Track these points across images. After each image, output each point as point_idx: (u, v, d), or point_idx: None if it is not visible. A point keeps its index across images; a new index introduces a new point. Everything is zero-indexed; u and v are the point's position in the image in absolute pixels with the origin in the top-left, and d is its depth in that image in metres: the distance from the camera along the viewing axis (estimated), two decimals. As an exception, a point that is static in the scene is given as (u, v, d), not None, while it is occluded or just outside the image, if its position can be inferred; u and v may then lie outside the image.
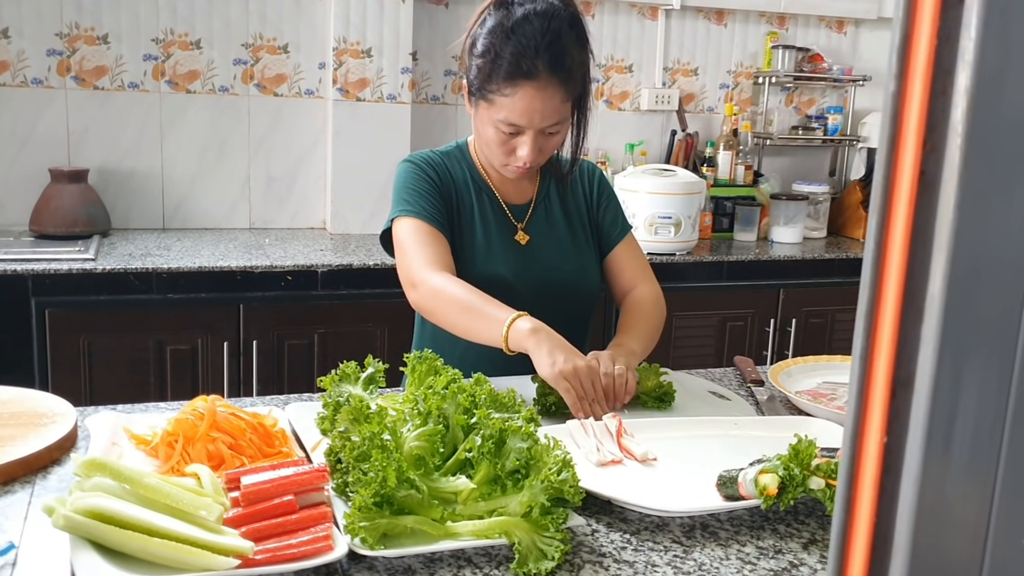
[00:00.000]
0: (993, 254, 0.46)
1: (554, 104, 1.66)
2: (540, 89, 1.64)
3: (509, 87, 1.64)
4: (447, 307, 1.66)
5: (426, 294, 1.68)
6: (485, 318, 1.60)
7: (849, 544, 0.51)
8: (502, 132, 1.70)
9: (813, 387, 1.73)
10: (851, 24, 4.18)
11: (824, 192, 3.91)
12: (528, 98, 1.64)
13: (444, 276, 1.68)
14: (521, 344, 1.55)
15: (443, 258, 1.73)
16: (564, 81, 1.65)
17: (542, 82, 1.63)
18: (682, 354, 3.30)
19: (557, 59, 1.63)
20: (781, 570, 1.08)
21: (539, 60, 1.62)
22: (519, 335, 1.55)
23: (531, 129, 1.68)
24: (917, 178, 0.47)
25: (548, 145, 1.73)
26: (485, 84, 1.67)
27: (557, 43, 1.63)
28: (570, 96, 1.68)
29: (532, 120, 1.66)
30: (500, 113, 1.67)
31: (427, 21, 3.53)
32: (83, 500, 0.99)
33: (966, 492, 0.48)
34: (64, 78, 3.19)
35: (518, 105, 1.65)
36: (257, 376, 2.85)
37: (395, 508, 1.08)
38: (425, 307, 1.71)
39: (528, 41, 1.62)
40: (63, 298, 2.65)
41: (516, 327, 1.56)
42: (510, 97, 1.65)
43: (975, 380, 0.47)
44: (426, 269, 1.69)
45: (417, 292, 1.70)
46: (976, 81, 0.44)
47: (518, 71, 1.63)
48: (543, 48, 1.62)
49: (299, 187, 3.52)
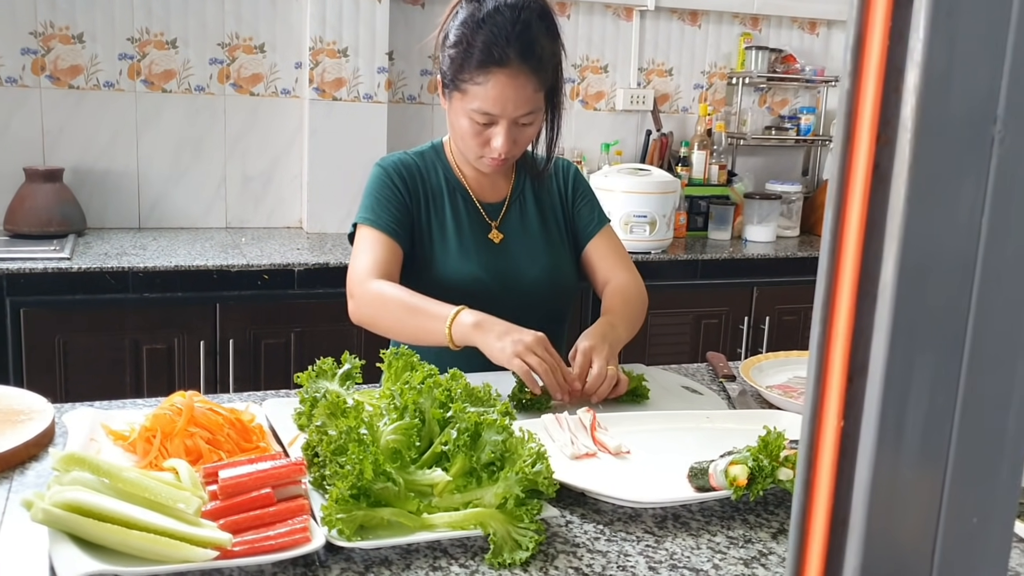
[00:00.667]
0: (942, 244, 0.48)
1: (526, 93, 1.68)
2: (512, 77, 1.66)
3: (481, 75, 1.67)
4: (387, 311, 1.67)
5: (363, 303, 1.70)
6: (427, 317, 1.61)
7: (808, 526, 0.52)
8: (476, 123, 1.72)
9: (783, 382, 1.76)
10: (823, 25, 4.23)
11: (797, 191, 3.95)
12: (500, 86, 1.67)
13: (380, 283, 1.69)
14: (466, 338, 1.56)
15: (387, 267, 1.74)
16: (535, 70, 1.68)
17: (513, 70, 1.66)
18: (657, 351, 3.33)
19: (528, 48, 1.66)
20: (751, 559, 1.11)
21: (510, 48, 1.65)
22: (463, 329, 1.56)
23: (504, 119, 1.70)
24: (871, 171, 0.48)
25: (522, 137, 1.75)
26: (458, 74, 1.70)
27: (527, 32, 1.67)
28: (542, 86, 1.71)
29: (505, 108, 1.69)
30: (473, 102, 1.69)
31: (403, 21, 3.54)
32: (62, 494, 0.99)
33: (919, 475, 0.50)
34: (39, 77, 3.17)
35: (491, 93, 1.67)
36: (234, 375, 2.85)
37: (372, 500, 1.09)
38: (364, 316, 1.72)
39: (499, 30, 1.66)
40: (38, 298, 2.65)
41: (459, 321, 1.57)
42: (482, 86, 1.67)
43: (926, 367, 0.49)
44: (365, 279, 1.71)
45: (354, 302, 1.72)
46: (924, 79, 0.46)
47: (490, 59, 1.66)
48: (514, 37, 1.65)
49: (275, 186, 3.52)
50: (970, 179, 0.48)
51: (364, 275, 1.72)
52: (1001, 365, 0.50)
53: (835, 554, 0.51)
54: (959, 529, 0.51)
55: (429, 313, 1.62)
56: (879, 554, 0.51)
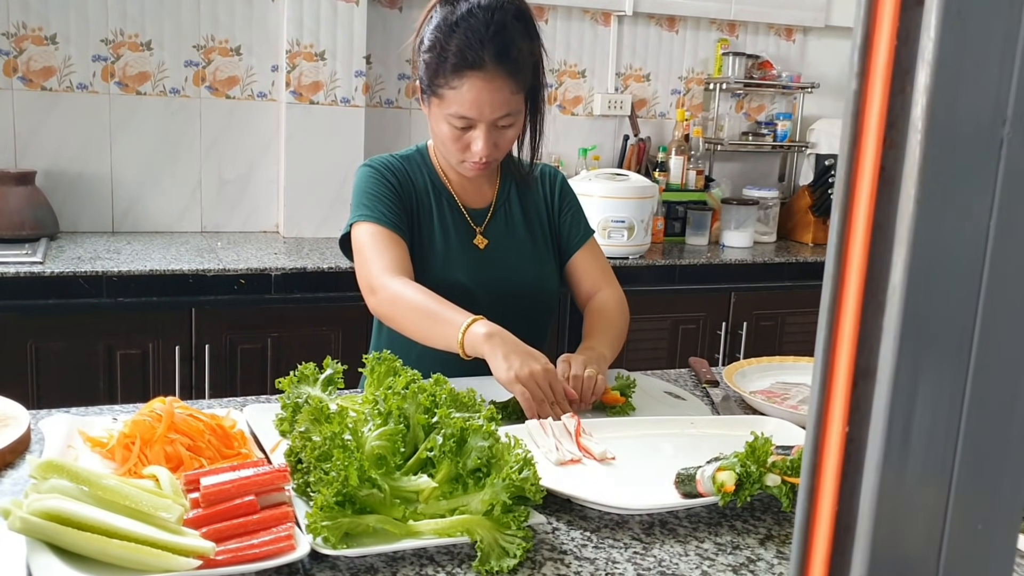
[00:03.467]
0: (951, 247, 0.47)
1: (503, 95, 1.67)
2: (488, 80, 1.65)
3: (457, 79, 1.66)
4: (405, 312, 1.65)
5: (385, 300, 1.68)
6: (442, 323, 1.60)
7: (812, 532, 0.52)
8: (455, 127, 1.70)
9: (767, 387, 1.76)
10: (799, 32, 4.25)
11: (774, 197, 3.97)
12: (476, 89, 1.65)
13: (403, 281, 1.67)
14: (477, 349, 1.55)
15: (402, 263, 1.73)
16: (512, 72, 1.66)
17: (489, 73, 1.65)
18: (635, 357, 3.32)
19: (503, 50, 1.65)
20: (739, 565, 1.10)
21: (485, 51, 1.64)
22: (475, 340, 1.55)
23: (482, 122, 1.69)
24: (877, 174, 0.48)
25: (503, 139, 1.74)
26: (434, 79, 1.69)
27: (502, 34, 1.65)
28: (520, 88, 1.70)
29: (482, 112, 1.67)
30: (451, 107, 1.68)
31: (381, 24, 3.52)
32: (40, 502, 0.97)
33: (925, 480, 0.50)
34: (11, 78, 3.13)
35: (467, 97, 1.66)
36: (210, 381, 2.82)
37: (357, 507, 1.08)
38: (384, 313, 1.70)
39: (473, 33, 1.64)
40: (9, 302, 2.60)
41: (472, 331, 1.55)
42: (458, 90, 1.66)
43: (933, 371, 0.48)
44: (385, 274, 1.69)
45: (376, 298, 1.70)
46: (935, 79, 0.45)
47: (464, 62, 1.64)
48: (488, 39, 1.64)
49: (252, 190, 3.49)
50: (979, 181, 0.47)
51: (382, 271, 1.69)
52: (1008, 370, 0.50)
53: (839, 561, 0.51)
54: (964, 536, 0.51)
55: (444, 319, 1.60)
56: (884, 561, 0.50)
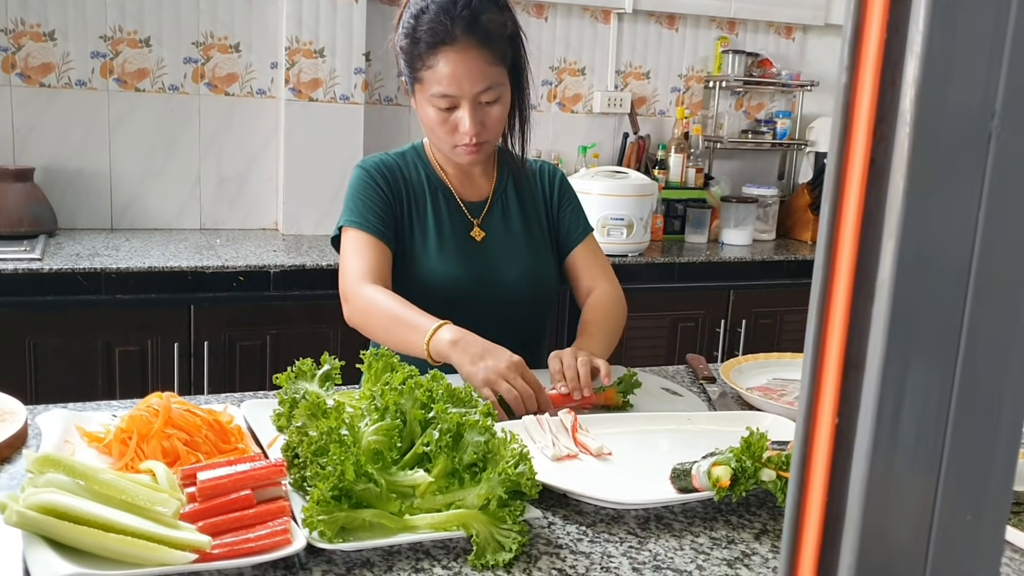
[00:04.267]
0: (939, 239, 0.48)
1: (479, 66, 1.68)
2: (461, 52, 1.66)
3: (432, 58, 1.67)
4: (376, 320, 1.66)
5: (357, 309, 1.69)
6: (410, 329, 1.60)
7: (802, 523, 0.52)
8: (440, 109, 1.71)
9: (764, 383, 1.76)
10: (799, 30, 4.25)
11: (773, 195, 3.97)
12: (452, 63, 1.66)
13: (375, 288, 1.68)
14: (443, 355, 1.55)
15: (378, 270, 1.73)
16: (484, 42, 1.67)
17: (461, 44, 1.66)
18: (634, 354, 3.32)
19: (472, 21, 1.66)
20: (734, 559, 1.10)
21: (454, 25, 1.65)
22: (441, 345, 1.55)
23: (464, 98, 1.69)
24: (867, 166, 0.48)
25: (489, 117, 1.74)
26: (412, 64, 1.71)
27: (469, 6, 1.66)
28: (497, 59, 1.70)
29: (462, 87, 1.68)
30: (432, 88, 1.69)
31: (380, 21, 3.52)
32: (37, 496, 0.97)
33: (914, 470, 0.50)
34: (9, 75, 3.13)
35: (443, 72, 1.67)
36: (208, 378, 2.82)
37: (353, 502, 1.08)
38: (357, 322, 1.72)
39: (441, 11, 1.66)
40: (8, 299, 2.60)
41: (437, 337, 1.55)
42: (434, 68, 1.67)
43: (922, 361, 0.49)
44: (359, 283, 1.69)
45: (349, 306, 1.72)
46: (924, 71, 0.45)
47: (435, 39, 1.66)
48: (456, 14, 1.66)
49: (251, 187, 3.50)
50: (967, 174, 0.47)
51: (357, 279, 1.70)
52: (997, 360, 0.50)
53: (829, 550, 0.51)
54: (953, 526, 0.51)
55: (412, 325, 1.60)
56: (873, 550, 0.50)
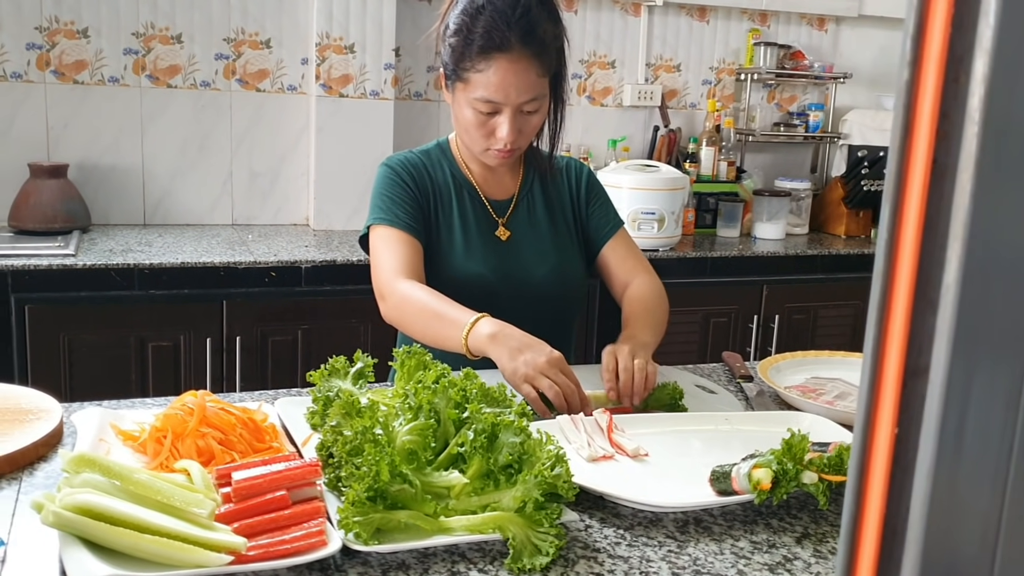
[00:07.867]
0: (1008, 241, 0.46)
1: (529, 78, 1.65)
2: (514, 62, 1.63)
3: (483, 62, 1.64)
4: (413, 316, 1.64)
5: (393, 305, 1.67)
6: (447, 323, 1.57)
7: (859, 536, 0.51)
8: (480, 112, 1.69)
9: (801, 382, 1.74)
10: (832, 22, 4.20)
11: (806, 188, 3.92)
12: (503, 72, 1.64)
13: (410, 284, 1.66)
14: (482, 349, 1.52)
15: (412, 265, 1.71)
16: (538, 54, 1.65)
17: (515, 54, 1.63)
18: (666, 350, 3.27)
19: (529, 31, 1.63)
20: (775, 564, 1.08)
21: (511, 32, 1.62)
22: (479, 340, 1.52)
23: (508, 106, 1.67)
24: (930, 167, 0.46)
25: (527, 126, 1.72)
26: (459, 63, 1.67)
27: (528, 16, 1.64)
28: (545, 71, 1.68)
29: (508, 95, 1.65)
30: (476, 91, 1.66)
31: (410, 17, 3.51)
32: (72, 496, 0.97)
33: (979, 483, 0.48)
34: (43, 72, 3.15)
35: (493, 80, 1.64)
36: (240, 373, 2.83)
37: (388, 503, 1.07)
38: (394, 318, 1.70)
39: (499, 15, 1.63)
40: (43, 294, 2.62)
41: (476, 331, 1.52)
42: (484, 72, 1.64)
43: (988, 370, 0.47)
44: (394, 279, 1.68)
45: (386, 304, 1.70)
46: (994, 68, 0.44)
47: (491, 44, 1.63)
48: (514, 21, 1.62)
49: (282, 183, 3.50)
50: (1037, 174, 0.46)
51: (392, 275, 1.68)
52: (1066, 370, 0.48)
53: (887, 564, 0.49)
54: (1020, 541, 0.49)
55: (449, 319, 1.57)
56: (935, 565, 0.49)
